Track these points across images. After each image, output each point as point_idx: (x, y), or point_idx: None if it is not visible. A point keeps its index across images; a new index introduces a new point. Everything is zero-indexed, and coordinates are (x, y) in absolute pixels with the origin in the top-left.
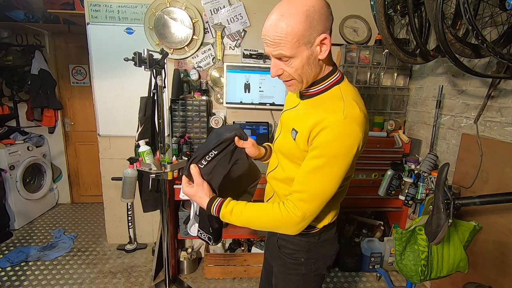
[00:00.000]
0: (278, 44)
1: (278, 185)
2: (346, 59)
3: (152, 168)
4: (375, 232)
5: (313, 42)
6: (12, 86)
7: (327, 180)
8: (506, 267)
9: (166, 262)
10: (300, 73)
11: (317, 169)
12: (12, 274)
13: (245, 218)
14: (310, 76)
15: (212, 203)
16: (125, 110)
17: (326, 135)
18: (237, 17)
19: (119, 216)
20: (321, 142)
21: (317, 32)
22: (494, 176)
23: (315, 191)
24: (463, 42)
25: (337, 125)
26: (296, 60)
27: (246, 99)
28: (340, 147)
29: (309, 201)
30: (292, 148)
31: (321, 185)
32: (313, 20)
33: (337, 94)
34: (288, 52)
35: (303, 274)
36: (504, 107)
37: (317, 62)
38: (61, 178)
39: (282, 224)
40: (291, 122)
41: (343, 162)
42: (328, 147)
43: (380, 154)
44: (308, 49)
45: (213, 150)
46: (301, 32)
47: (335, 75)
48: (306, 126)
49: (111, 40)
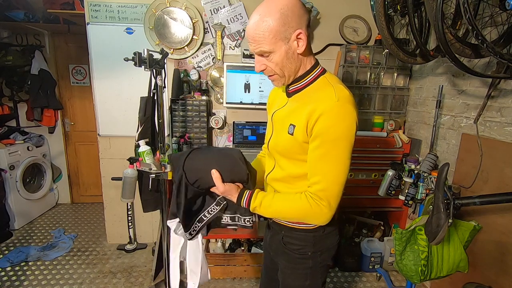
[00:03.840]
0: (258, 41)
1: (280, 185)
2: (346, 59)
3: (152, 168)
4: (375, 232)
5: (289, 38)
6: (12, 86)
7: (338, 163)
8: (506, 267)
9: (166, 262)
10: (281, 67)
11: (325, 156)
12: (12, 274)
13: (274, 210)
14: (292, 70)
15: (242, 197)
16: (125, 110)
17: (324, 121)
18: (237, 17)
19: (119, 216)
20: (321, 130)
21: (292, 28)
22: (494, 176)
23: (331, 178)
24: (463, 42)
25: (332, 109)
26: (275, 55)
27: (246, 99)
28: (341, 129)
29: (329, 189)
30: (289, 145)
31: (334, 170)
32: (287, 17)
33: (325, 82)
34: (267, 47)
35: (311, 267)
36: (504, 107)
37: (296, 57)
38: (61, 178)
39: (312, 215)
40: (286, 119)
41: (347, 142)
42: (329, 133)
43: (380, 154)
44: (286, 44)
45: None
46: (277, 28)
47: (317, 69)
48: (302, 117)
49: (111, 40)
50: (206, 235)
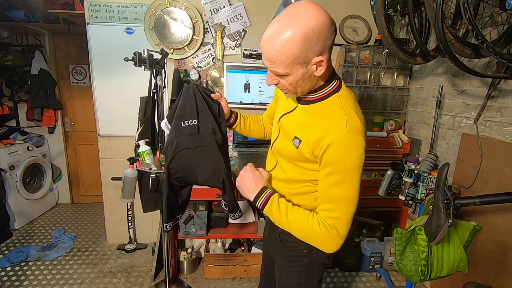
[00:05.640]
0: (273, 62)
1: (280, 185)
2: (346, 59)
3: (152, 168)
4: (375, 232)
5: (309, 62)
6: (12, 86)
7: (349, 192)
8: (506, 267)
9: (166, 262)
10: (295, 86)
11: (337, 185)
12: (12, 274)
13: (284, 224)
14: (305, 88)
15: (259, 197)
16: (125, 110)
17: (335, 151)
18: (237, 17)
19: (119, 216)
20: (332, 159)
21: (314, 54)
22: (494, 176)
23: (343, 206)
24: (463, 42)
25: (343, 141)
26: (290, 77)
27: (246, 99)
28: (352, 160)
29: (341, 217)
30: (293, 154)
31: (345, 199)
32: (311, 42)
33: (337, 104)
34: (282, 71)
35: (306, 264)
36: (504, 107)
37: (313, 78)
38: (61, 178)
39: (320, 240)
40: (293, 129)
41: (358, 172)
42: (340, 163)
43: (380, 154)
44: (304, 68)
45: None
46: (297, 54)
47: (333, 83)
48: (311, 138)
49: (111, 40)
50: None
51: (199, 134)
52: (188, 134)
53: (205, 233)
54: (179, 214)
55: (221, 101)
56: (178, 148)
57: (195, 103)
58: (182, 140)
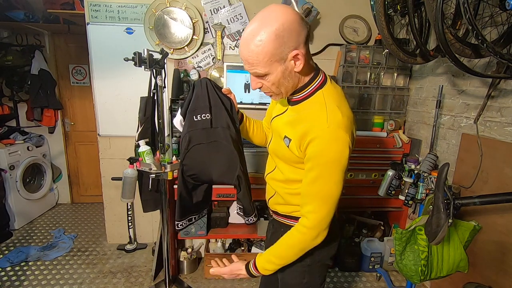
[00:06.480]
0: (252, 64)
1: (279, 185)
2: (346, 59)
3: (152, 168)
4: (375, 232)
5: (286, 58)
6: (12, 86)
7: (327, 185)
8: (506, 267)
9: (166, 262)
10: (278, 85)
11: (316, 179)
12: (12, 274)
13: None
14: (289, 87)
15: (248, 269)
16: (125, 110)
17: (315, 146)
18: (237, 17)
19: (119, 216)
20: (312, 154)
21: (289, 49)
22: (494, 176)
23: (319, 199)
24: (463, 42)
25: (323, 135)
26: (271, 76)
27: (246, 99)
28: (331, 154)
29: (317, 210)
30: (287, 154)
31: (322, 192)
32: (283, 38)
33: (320, 100)
34: (262, 70)
35: (309, 264)
36: (504, 107)
37: (293, 75)
38: (61, 178)
39: (305, 243)
40: (283, 129)
41: (338, 166)
42: (319, 157)
43: (380, 154)
44: (282, 64)
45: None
46: (272, 51)
47: (317, 80)
48: (296, 135)
49: (111, 40)
50: (206, 235)
51: (212, 128)
52: (201, 128)
53: (205, 233)
54: (193, 214)
55: (231, 96)
56: (192, 143)
57: (208, 97)
58: (195, 135)
